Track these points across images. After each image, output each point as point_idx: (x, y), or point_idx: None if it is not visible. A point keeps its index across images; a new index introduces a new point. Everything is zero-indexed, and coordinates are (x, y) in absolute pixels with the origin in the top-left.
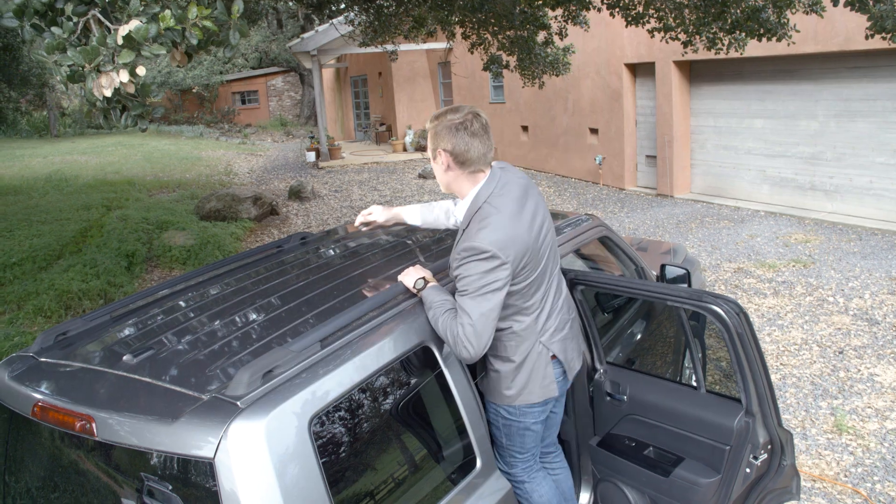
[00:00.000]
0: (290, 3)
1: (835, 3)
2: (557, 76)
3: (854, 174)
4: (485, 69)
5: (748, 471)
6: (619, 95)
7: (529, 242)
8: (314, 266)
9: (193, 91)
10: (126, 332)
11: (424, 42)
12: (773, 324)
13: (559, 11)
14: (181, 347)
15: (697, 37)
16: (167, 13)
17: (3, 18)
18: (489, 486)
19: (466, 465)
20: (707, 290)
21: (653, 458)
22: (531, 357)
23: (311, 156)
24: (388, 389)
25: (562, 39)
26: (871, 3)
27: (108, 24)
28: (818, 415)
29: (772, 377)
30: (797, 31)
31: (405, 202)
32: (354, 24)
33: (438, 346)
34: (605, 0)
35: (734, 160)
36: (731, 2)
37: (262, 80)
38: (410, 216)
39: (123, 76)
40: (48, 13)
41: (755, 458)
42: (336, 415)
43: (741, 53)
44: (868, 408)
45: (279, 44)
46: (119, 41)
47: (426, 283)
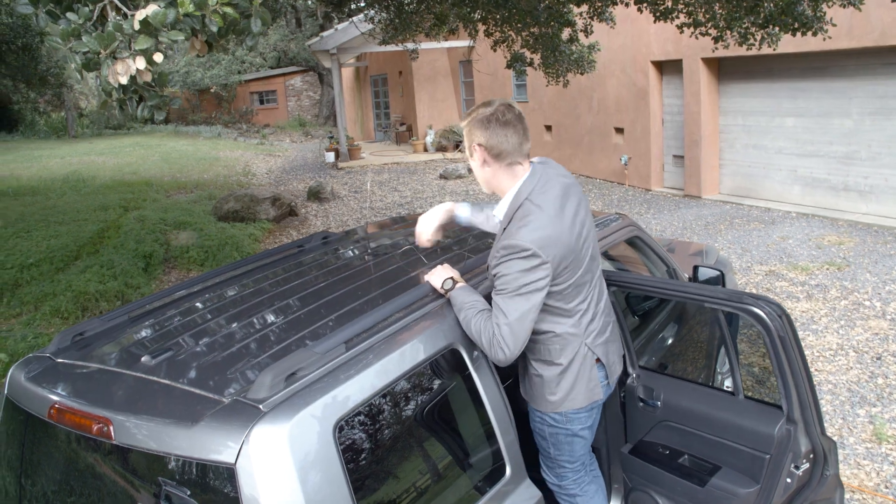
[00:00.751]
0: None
1: None
2: (582, 74)
3: (890, 174)
4: (508, 67)
5: (789, 481)
6: (646, 94)
7: (571, 242)
8: (336, 266)
9: (211, 91)
10: (144, 333)
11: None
12: (808, 328)
13: (584, 8)
14: (201, 349)
15: (728, 32)
16: None
17: (19, 4)
18: (520, 495)
19: (495, 473)
20: (746, 291)
21: (687, 467)
22: (576, 360)
23: (331, 156)
24: (415, 393)
25: (587, 36)
26: None
27: (125, 10)
28: (856, 423)
29: None
30: (833, 25)
31: (427, 203)
32: (374, 22)
33: (467, 348)
34: None
35: (764, 160)
36: None
37: (281, 80)
38: (460, 208)
39: (140, 63)
40: None
41: (796, 468)
42: (361, 419)
43: (774, 49)
44: None
45: (298, 43)
46: (136, 26)
47: (454, 284)
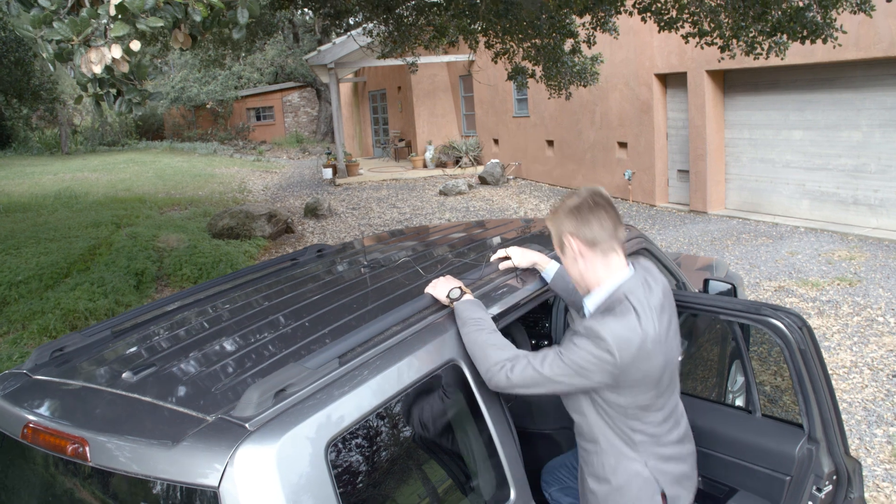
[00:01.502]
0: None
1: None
2: (585, 87)
3: None
4: (509, 79)
5: None
6: (649, 107)
7: (654, 367)
8: (331, 280)
9: (207, 107)
10: (127, 348)
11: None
12: (820, 345)
13: (587, 18)
14: (186, 365)
15: (735, 41)
16: None
17: None
18: None
19: (499, 496)
20: (764, 302)
21: (703, 490)
22: (633, 484)
23: (328, 172)
24: (413, 411)
25: (590, 47)
26: None
27: None
28: (873, 443)
29: None
30: (843, 32)
31: (426, 220)
32: (373, 36)
33: (469, 365)
34: (637, 4)
35: (771, 174)
36: (772, 1)
37: (278, 96)
38: (550, 267)
39: (116, 51)
40: None
41: (819, 490)
42: (355, 439)
43: (782, 58)
44: None
45: (295, 58)
46: (112, 12)
47: (462, 294)
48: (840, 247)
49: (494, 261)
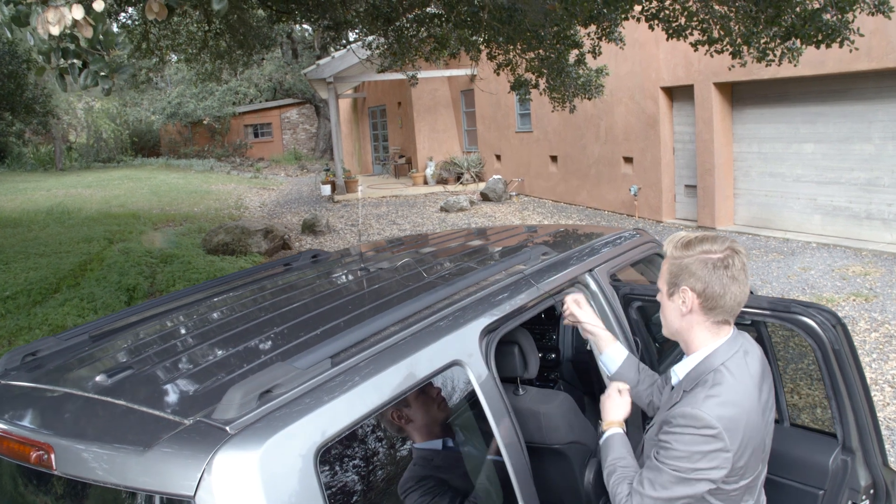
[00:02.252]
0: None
1: None
2: (590, 99)
3: None
4: (512, 89)
5: None
6: (656, 121)
7: (760, 435)
8: (326, 283)
9: (204, 122)
10: (104, 353)
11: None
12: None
13: (591, 28)
14: (166, 367)
15: (746, 48)
16: None
17: None
18: None
19: None
20: (794, 299)
21: None
22: None
23: (327, 189)
24: (413, 417)
25: (595, 58)
26: None
27: None
28: (894, 464)
29: None
30: (861, 35)
31: None
32: (372, 48)
33: (473, 366)
34: (644, 11)
35: (781, 188)
36: (786, 4)
37: (276, 113)
38: (615, 352)
39: (77, 12)
40: None
41: None
42: (349, 446)
43: (795, 64)
44: None
45: (294, 74)
46: None
47: (615, 426)
48: (854, 262)
49: (567, 310)
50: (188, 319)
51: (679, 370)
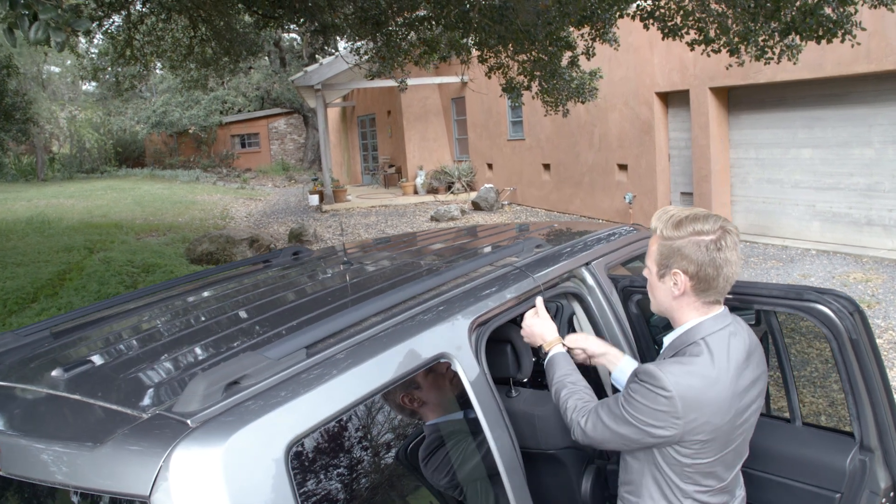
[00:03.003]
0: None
1: None
2: (583, 103)
3: None
4: (504, 91)
5: None
6: (650, 127)
7: (724, 421)
8: (305, 276)
9: (190, 132)
10: (65, 348)
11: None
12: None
13: (585, 29)
14: (128, 361)
15: (744, 46)
16: None
17: None
18: None
19: None
20: (807, 285)
21: None
22: None
23: (315, 199)
24: (395, 413)
25: (588, 59)
26: None
27: None
28: None
29: None
30: (863, 29)
31: None
32: (360, 54)
33: (462, 360)
34: (639, 11)
35: (779, 195)
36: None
37: (264, 123)
38: (626, 365)
39: None
40: None
41: None
42: (325, 442)
43: (794, 62)
44: None
45: (282, 83)
46: None
47: (558, 344)
48: (855, 269)
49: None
50: (156, 314)
51: (665, 340)
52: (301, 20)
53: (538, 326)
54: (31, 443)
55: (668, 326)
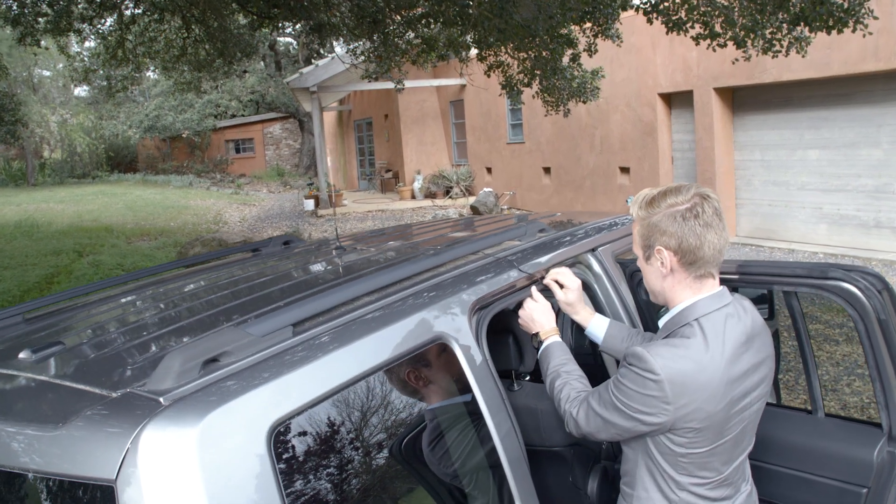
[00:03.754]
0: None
1: None
2: (584, 103)
3: None
4: (503, 89)
5: None
6: (653, 129)
7: (717, 408)
8: (296, 261)
9: (183, 136)
10: (37, 331)
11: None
12: (853, 373)
13: (587, 26)
14: (102, 342)
15: (751, 38)
16: None
17: None
18: None
19: None
20: (832, 263)
21: None
22: None
23: (310, 203)
24: (388, 398)
25: (590, 56)
26: None
27: None
28: None
29: None
30: (875, 18)
31: None
32: (357, 54)
33: (461, 344)
34: (643, 4)
35: (785, 197)
36: None
37: (259, 127)
38: (598, 323)
39: None
40: None
41: None
42: (312, 425)
43: (803, 55)
44: None
45: (277, 86)
46: None
47: (555, 334)
48: None
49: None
50: (135, 299)
51: (660, 323)
52: (297, 20)
53: (538, 313)
54: None
55: None
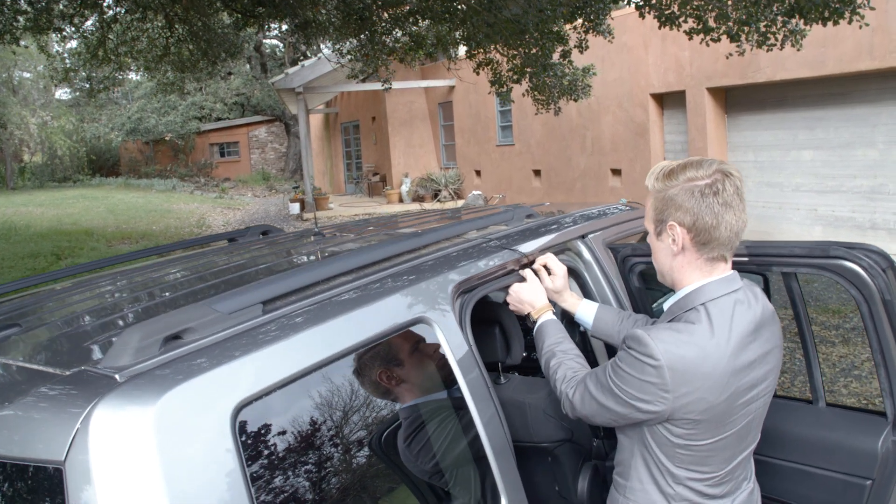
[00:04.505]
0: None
1: None
2: (575, 101)
3: None
4: (492, 84)
5: None
6: (645, 130)
7: (720, 399)
8: (273, 247)
9: (167, 140)
10: None
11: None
12: (849, 374)
13: (577, 22)
14: (61, 324)
15: (745, 31)
16: None
17: None
18: None
19: None
20: (834, 241)
21: None
22: None
23: (295, 207)
24: (363, 382)
25: (581, 52)
26: None
27: None
28: None
29: None
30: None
31: None
32: (343, 53)
33: (444, 328)
34: None
35: (779, 199)
36: None
37: (244, 131)
38: (586, 308)
39: None
40: None
41: None
42: (282, 407)
43: (798, 49)
44: None
45: (262, 89)
46: None
47: (548, 311)
48: None
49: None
50: (101, 283)
51: (665, 306)
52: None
53: (527, 292)
54: None
55: None
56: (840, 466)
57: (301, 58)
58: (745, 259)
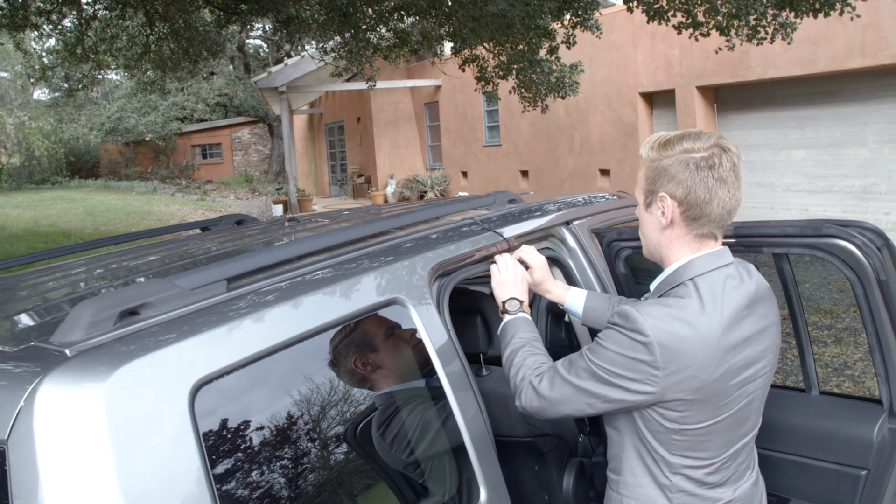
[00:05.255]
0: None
1: None
2: (563, 98)
3: None
4: (478, 80)
5: None
6: (634, 130)
7: (712, 375)
8: (244, 233)
9: (147, 141)
10: None
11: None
12: (842, 374)
13: (566, 16)
14: (13, 304)
15: (735, 25)
16: None
17: None
18: None
19: (463, 498)
20: (827, 219)
21: None
22: None
23: (278, 209)
24: (336, 363)
25: (569, 48)
26: None
27: None
28: None
29: None
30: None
31: None
32: (327, 51)
33: (420, 311)
34: None
35: (770, 199)
36: None
37: (227, 132)
38: (575, 297)
39: None
40: None
41: None
42: (245, 387)
43: (789, 42)
44: None
45: (245, 89)
46: None
47: (520, 306)
48: None
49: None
50: (65, 268)
51: (652, 284)
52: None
53: (510, 276)
54: None
55: None
56: (834, 456)
57: (285, 57)
58: (733, 240)
